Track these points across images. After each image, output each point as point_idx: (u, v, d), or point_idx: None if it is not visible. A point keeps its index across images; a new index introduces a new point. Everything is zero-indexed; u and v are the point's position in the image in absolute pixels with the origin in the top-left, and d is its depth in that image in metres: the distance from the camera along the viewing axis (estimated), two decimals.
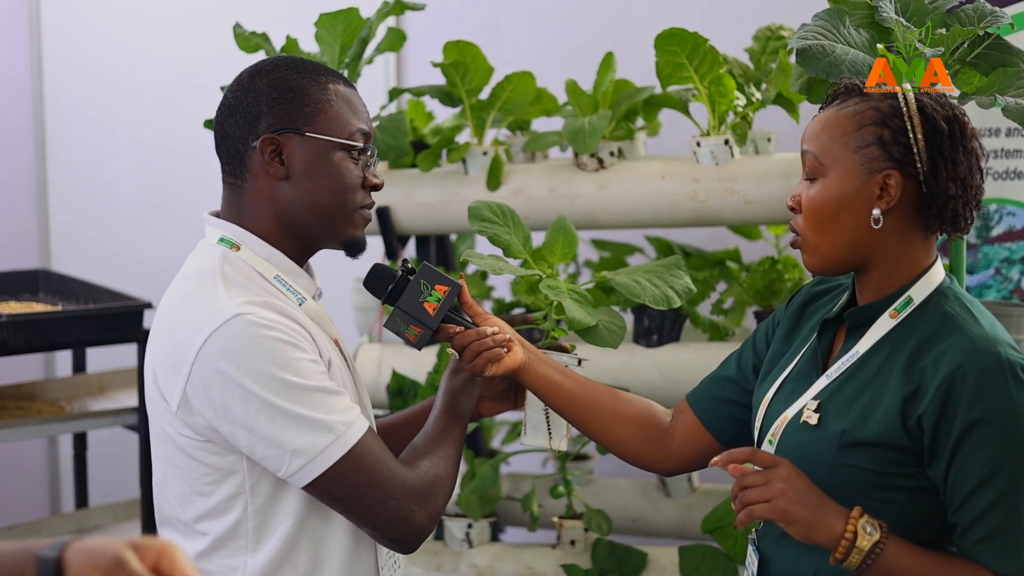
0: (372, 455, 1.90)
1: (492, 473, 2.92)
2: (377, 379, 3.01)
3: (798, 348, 2.05)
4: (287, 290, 1.98)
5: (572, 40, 3.86)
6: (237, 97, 2.01)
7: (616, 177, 2.89)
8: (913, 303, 1.89)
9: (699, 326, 3.00)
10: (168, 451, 1.96)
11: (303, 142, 1.98)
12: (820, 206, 1.90)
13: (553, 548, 2.96)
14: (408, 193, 3.01)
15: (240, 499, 1.93)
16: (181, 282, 1.99)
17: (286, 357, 1.88)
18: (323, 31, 2.92)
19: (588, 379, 2.25)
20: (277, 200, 1.99)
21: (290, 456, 1.86)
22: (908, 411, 1.81)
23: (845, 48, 2.58)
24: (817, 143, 1.92)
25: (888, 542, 1.80)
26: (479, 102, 2.98)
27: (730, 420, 2.16)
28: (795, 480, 1.82)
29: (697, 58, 2.81)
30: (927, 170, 1.84)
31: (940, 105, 1.89)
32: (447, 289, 2.09)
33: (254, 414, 1.85)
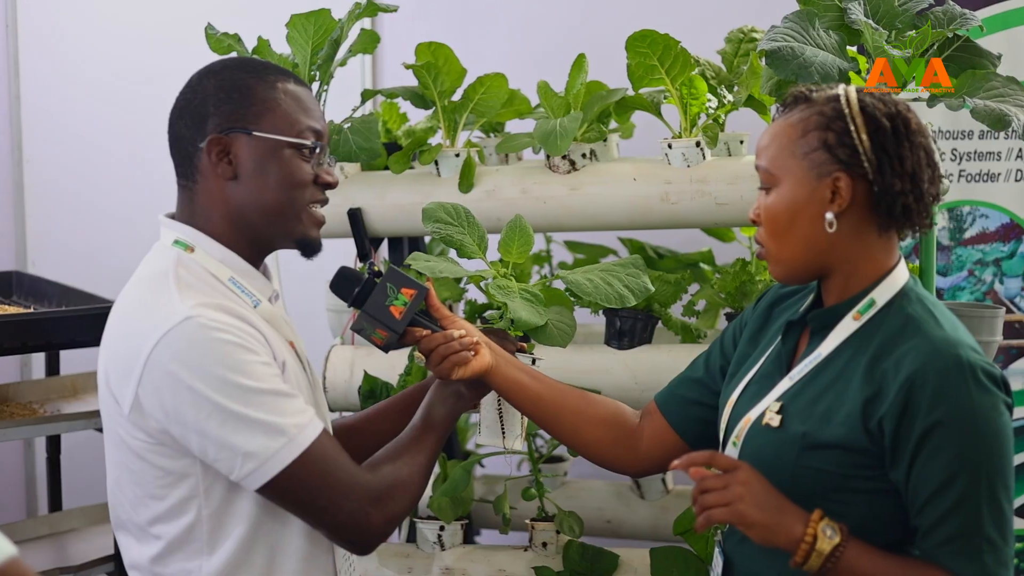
0: (326, 457, 1.90)
1: (464, 475, 2.92)
2: (349, 381, 3.01)
3: (763, 350, 2.05)
4: (242, 292, 1.98)
5: (547, 42, 3.87)
6: (187, 99, 2.02)
7: (588, 179, 2.89)
8: (876, 305, 1.89)
9: (671, 328, 3.00)
10: (121, 455, 1.95)
11: (251, 141, 1.98)
12: (775, 216, 1.92)
13: (525, 550, 2.96)
14: (380, 195, 3.01)
15: (194, 502, 1.93)
16: (135, 286, 2.00)
17: (237, 360, 1.87)
18: (294, 32, 2.92)
19: (556, 381, 2.26)
20: (228, 200, 2.00)
21: (242, 459, 1.85)
22: (869, 413, 1.82)
23: (815, 50, 2.59)
24: (767, 155, 1.94)
25: (848, 545, 1.80)
26: (451, 104, 2.98)
27: (698, 421, 2.17)
28: (754, 484, 1.83)
29: (668, 60, 2.82)
30: (874, 169, 1.85)
31: (882, 103, 1.89)
32: (413, 293, 2.09)
33: (206, 417, 1.85)
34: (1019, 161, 3.68)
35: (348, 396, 3.01)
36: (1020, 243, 3.71)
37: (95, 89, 4.44)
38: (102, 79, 4.44)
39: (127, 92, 4.42)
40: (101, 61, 4.44)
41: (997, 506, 1.78)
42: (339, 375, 3.02)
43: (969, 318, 2.92)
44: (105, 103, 4.44)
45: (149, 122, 4.26)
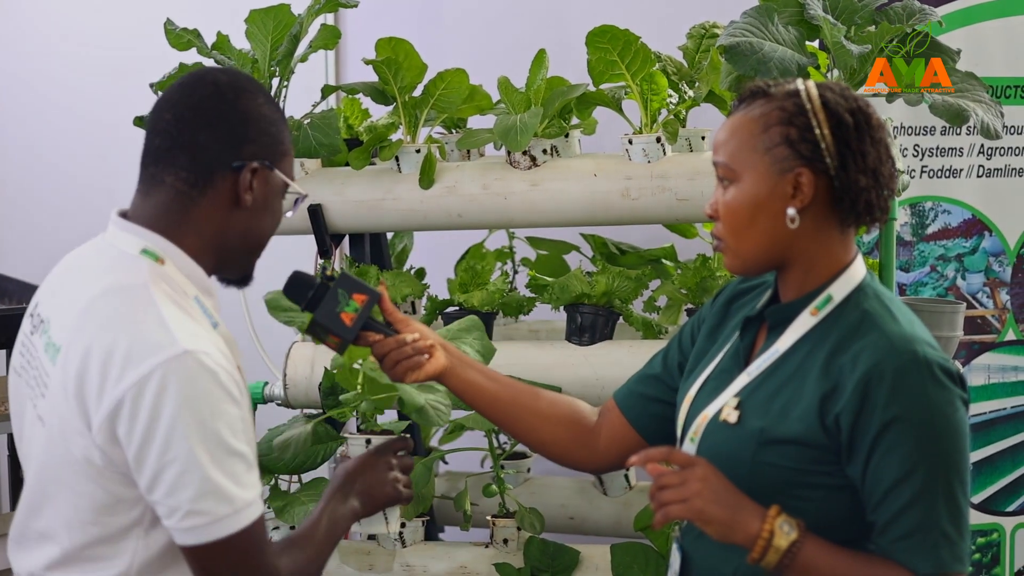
0: (256, 540, 1.87)
1: (425, 472, 2.91)
2: (310, 378, 2.99)
3: (721, 345, 2.04)
4: (203, 312, 1.94)
5: (509, 38, 3.85)
6: (222, 110, 1.94)
7: (549, 175, 2.89)
8: (833, 301, 1.88)
9: (632, 324, 3.00)
10: (67, 471, 1.90)
11: (271, 177, 1.97)
12: (736, 211, 1.90)
13: (487, 547, 2.95)
14: (340, 191, 3.00)
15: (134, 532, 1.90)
16: (108, 296, 1.88)
17: (225, 410, 1.82)
18: (253, 28, 2.91)
19: (513, 380, 2.25)
20: (227, 225, 1.95)
21: (184, 513, 1.81)
22: (826, 409, 1.81)
23: (773, 45, 2.59)
24: (726, 149, 1.91)
25: (806, 541, 1.80)
26: (412, 99, 2.97)
27: (656, 418, 2.16)
28: (711, 479, 1.82)
29: (629, 55, 2.81)
30: (837, 164, 1.84)
31: (843, 98, 1.87)
32: (365, 298, 2.09)
33: (172, 458, 1.79)
34: (981, 157, 3.69)
35: (309, 393, 2.99)
36: (982, 239, 3.72)
37: (57, 87, 4.42)
38: (64, 77, 4.42)
39: (88, 89, 4.39)
40: (62, 58, 4.43)
41: (953, 502, 1.78)
42: (300, 372, 3.01)
43: (930, 313, 2.94)
44: (67, 102, 4.41)
45: (111, 120, 4.26)
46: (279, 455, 2.80)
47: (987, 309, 3.76)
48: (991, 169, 3.70)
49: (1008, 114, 3.56)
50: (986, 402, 3.78)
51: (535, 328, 3.39)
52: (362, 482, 2.18)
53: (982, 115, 2.58)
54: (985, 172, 3.70)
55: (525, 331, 3.39)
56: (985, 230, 3.72)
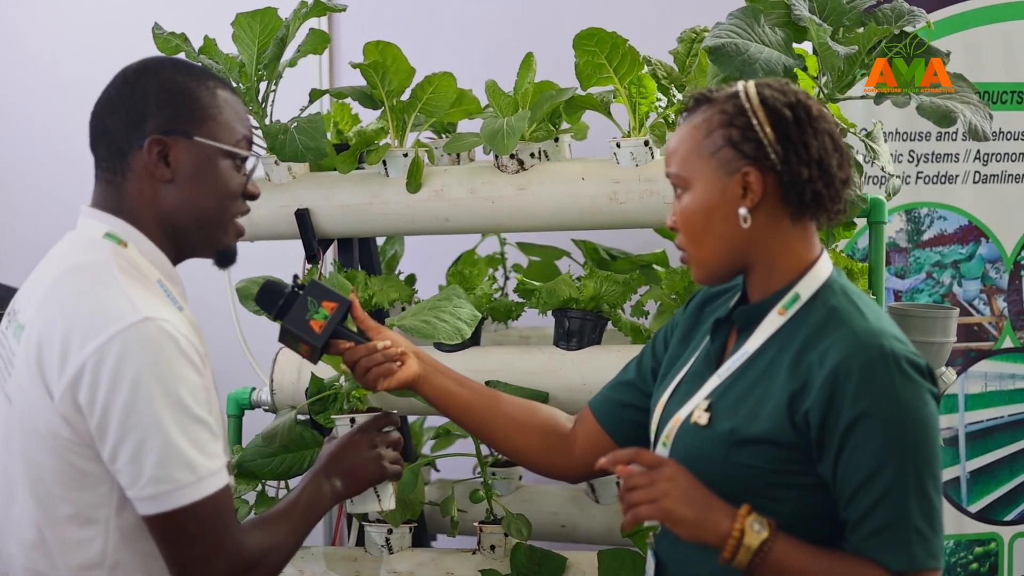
0: (220, 511, 1.87)
1: (412, 478, 2.89)
2: (297, 383, 2.98)
3: (694, 350, 2.04)
4: (168, 296, 1.94)
5: (502, 42, 3.85)
6: (122, 94, 1.98)
7: (536, 179, 2.87)
8: (801, 299, 1.88)
9: (621, 329, 2.98)
10: (34, 447, 1.89)
11: (191, 146, 1.96)
12: (690, 219, 1.91)
13: (473, 553, 2.93)
14: (328, 195, 2.98)
15: (101, 512, 1.89)
16: (70, 274, 1.92)
17: (187, 376, 1.84)
18: (240, 31, 2.90)
19: (487, 388, 2.26)
20: (159, 202, 1.97)
21: (147, 480, 1.81)
22: (795, 407, 1.81)
23: (759, 47, 2.57)
24: (675, 159, 1.94)
25: (777, 540, 1.79)
26: (400, 103, 2.95)
27: (630, 424, 2.15)
28: (680, 479, 1.81)
29: (616, 58, 2.80)
30: (781, 159, 1.85)
31: (782, 94, 1.89)
32: (335, 306, 2.09)
33: (135, 423, 1.80)
34: (977, 163, 3.67)
35: (296, 398, 2.98)
36: (979, 245, 3.70)
37: (52, 94, 4.41)
38: (59, 84, 4.41)
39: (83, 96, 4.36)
40: (58, 65, 4.42)
41: (925, 496, 1.77)
42: (286, 377, 2.99)
43: (922, 319, 2.91)
44: (61, 107, 4.40)
45: None
46: (265, 446, 2.78)
47: (984, 316, 3.73)
48: (987, 175, 3.68)
49: (1004, 120, 3.57)
50: (983, 410, 3.75)
51: (526, 334, 3.38)
52: (344, 462, 2.18)
53: (970, 116, 2.56)
54: (981, 178, 3.68)
55: (515, 337, 3.37)
56: (982, 236, 3.70)
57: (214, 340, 2.11)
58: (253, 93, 2.95)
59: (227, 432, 3.22)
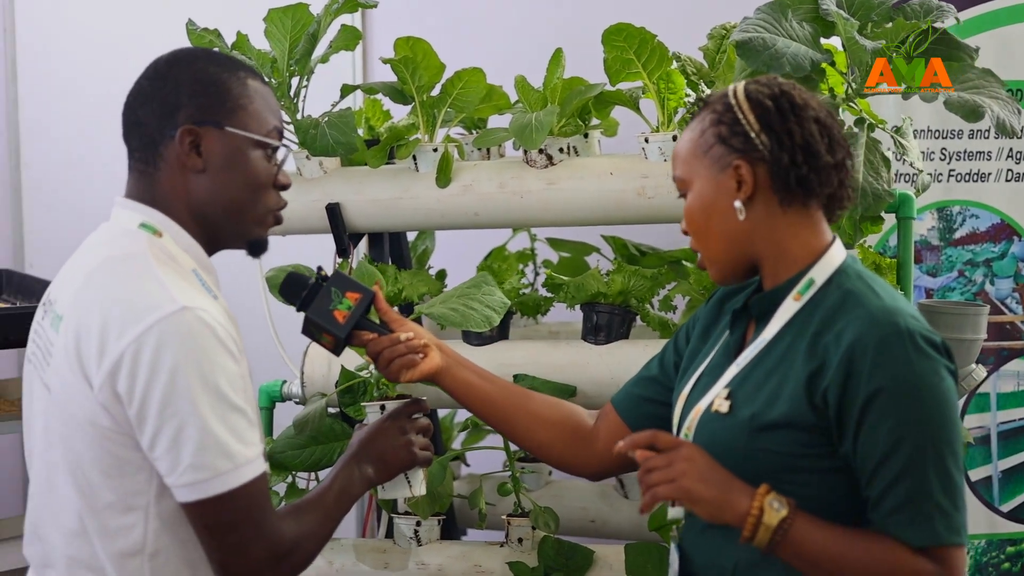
0: (257, 498, 1.89)
1: (440, 471, 2.90)
2: (327, 375, 3.00)
3: (714, 343, 2.06)
4: (202, 285, 1.96)
5: (536, 37, 3.84)
6: (154, 86, 1.99)
7: (564, 174, 2.88)
8: (815, 284, 1.90)
9: (649, 323, 2.99)
10: (76, 437, 1.91)
11: (222, 136, 1.98)
12: (692, 217, 1.97)
13: (501, 546, 2.95)
14: (358, 190, 3.00)
15: (141, 499, 1.91)
16: (107, 264, 1.93)
17: (224, 365, 1.85)
18: (272, 27, 2.92)
19: (509, 383, 2.27)
20: (191, 192, 1.98)
21: (185, 468, 1.83)
22: (813, 388, 1.82)
23: (787, 41, 2.57)
24: (678, 163, 2.00)
25: (796, 518, 1.80)
26: (430, 99, 2.97)
27: (653, 419, 2.16)
28: (698, 459, 1.83)
29: (645, 54, 2.81)
30: (768, 149, 1.89)
31: (766, 86, 1.95)
32: (358, 297, 2.10)
33: (172, 412, 1.82)
34: (1010, 161, 3.65)
35: (326, 390, 3.00)
36: (1011, 244, 3.68)
37: (91, 93, 4.46)
38: (98, 84, 4.45)
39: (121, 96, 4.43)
40: (97, 65, 4.47)
41: (945, 472, 1.77)
42: (317, 369, 3.01)
43: (952, 316, 2.91)
44: (100, 107, 4.44)
45: None
46: (296, 435, 2.81)
47: (1016, 315, 3.72)
48: (1020, 173, 3.66)
49: None
50: (1015, 409, 3.73)
51: (555, 329, 3.39)
52: (375, 448, 2.19)
53: (998, 111, 2.55)
54: (1014, 176, 3.66)
55: (545, 332, 3.38)
56: (1014, 235, 3.68)
57: (246, 333, 2.12)
58: (285, 88, 2.98)
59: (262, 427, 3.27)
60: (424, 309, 2.51)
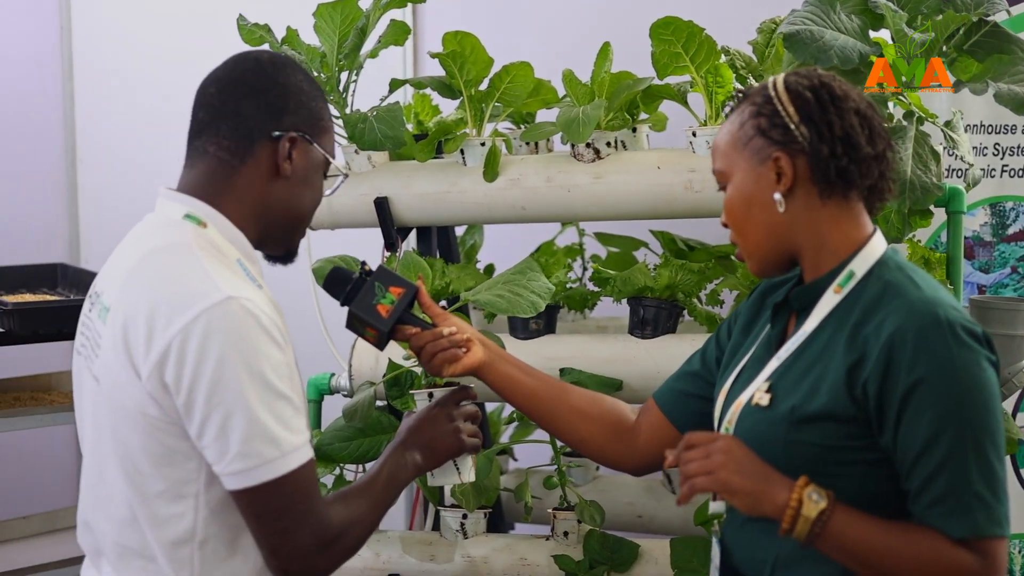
0: (305, 484, 1.91)
1: (487, 463, 2.91)
2: (375, 368, 3.01)
3: (756, 337, 2.06)
4: (247, 275, 1.98)
5: (584, 32, 3.85)
6: (263, 83, 2.02)
7: (612, 167, 2.88)
8: (856, 276, 1.89)
9: (697, 318, 2.98)
10: (123, 426, 1.93)
11: (309, 151, 2.04)
12: (732, 210, 1.96)
13: (547, 540, 2.95)
14: (406, 184, 3.02)
15: (191, 487, 1.93)
16: (153, 255, 1.95)
17: (270, 354, 1.87)
18: (321, 22, 2.94)
19: (552, 377, 2.27)
20: (267, 195, 2.02)
21: (233, 456, 1.85)
22: (853, 379, 1.81)
23: (835, 34, 2.56)
24: (717, 156, 1.99)
25: (836, 510, 1.79)
26: (478, 93, 2.98)
27: (694, 414, 2.16)
28: (736, 451, 1.82)
29: (693, 47, 2.80)
30: (807, 140, 1.88)
31: (805, 78, 1.94)
32: (402, 291, 2.12)
33: (219, 401, 1.84)
34: None
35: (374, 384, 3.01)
36: None
37: (146, 90, 4.50)
38: (153, 80, 4.50)
39: (176, 92, 4.45)
40: (152, 61, 4.51)
41: (986, 462, 1.76)
42: (364, 363, 3.03)
43: (1003, 312, 2.88)
44: (155, 103, 4.50)
45: None
46: (345, 423, 2.83)
47: None
48: None
49: None
50: None
51: (603, 324, 3.39)
52: (423, 435, 2.20)
53: None
54: None
55: (593, 326, 3.39)
56: None
57: (296, 326, 2.14)
58: (334, 83, 2.99)
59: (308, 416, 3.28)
60: (470, 296, 2.52)
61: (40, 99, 4.54)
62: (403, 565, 2.98)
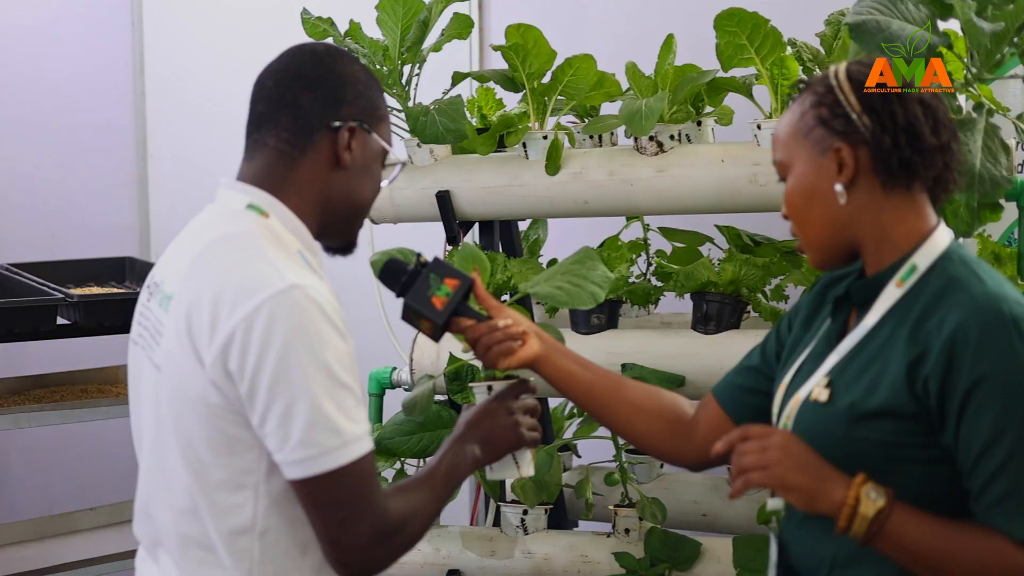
0: (365, 475, 1.89)
1: (547, 459, 2.89)
2: (436, 362, 3.01)
3: (816, 332, 2.02)
4: (307, 265, 1.97)
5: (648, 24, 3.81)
6: (320, 74, 2.00)
7: (675, 161, 2.85)
8: (918, 271, 1.84)
9: (762, 313, 2.94)
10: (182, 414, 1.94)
11: (368, 141, 2.02)
12: (792, 202, 1.92)
13: (608, 537, 2.92)
14: (468, 177, 3.01)
15: (251, 477, 1.92)
16: (217, 244, 1.94)
17: (334, 343, 1.86)
18: (384, 15, 2.95)
19: (609, 371, 2.24)
20: (328, 185, 2.01)
21: (294, 445, 1.84)
22: (914, 375, 1.77)
23: (902, 24, 2.51)
24: (777, 146, 1.95)
25: (894, 509, 1.75)
26: (540, 86, 2.96)
27: (754, 409, 2.12)
28: (792, 447, 1.79)
29: (758, 39, 2.77)
30: (870, 131, 1.84)
31: (867, 67, 1.89)
32: (457, 283, 2.10)
33: (283, 388, 1.82)
34: None
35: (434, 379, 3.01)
36: None
37: (216, 85, 4.53)
38: (222, 75, 4.53)
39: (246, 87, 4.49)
40: (222, 56, 4.54)
41: None
42: (425, 357, 3.02)
43: None
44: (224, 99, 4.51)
45: None
46: (405, 416, 2.82)
47: None
48: None
49: None
50: None
51: (667, 320, 3.35)
52: (481, 429, 2.18)
53: None
54: None
55: (657, 322, 3.35)
56: None
57: (358, 320, 2.14)
58: (396, 76, 2.99)
59: (368, 410, 3.28)
60: (528, 287, 2.49)
61: (112, 96, 4.59)
62: (463, 560, 2.97)
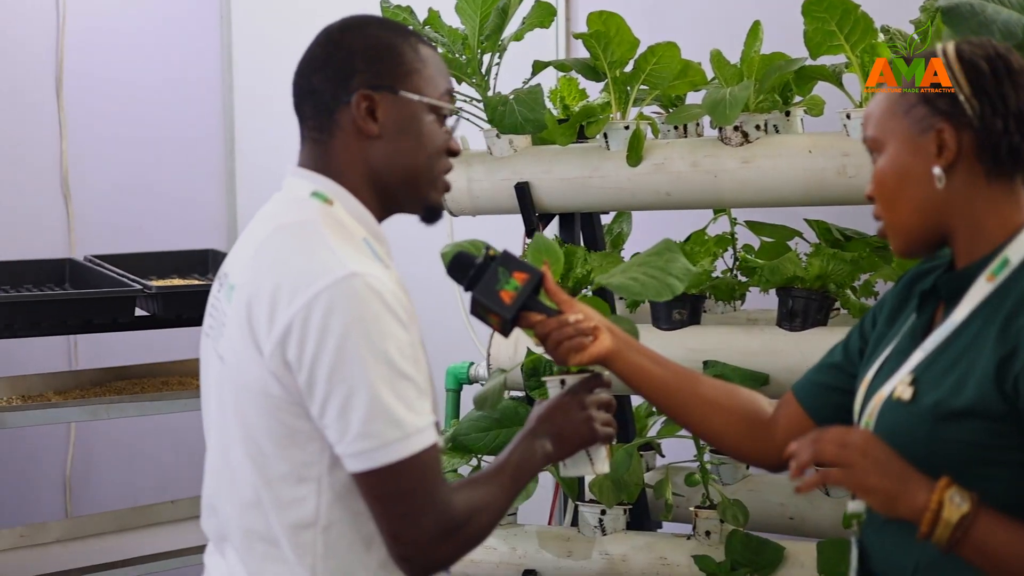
0: (428, 468, 1.83)
1: (626, 458, 2.82)
2: (513, 357, 2.95)
3: (901, 326, 1.92)
4: (374, 255, 1.93)
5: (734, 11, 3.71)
6: (327, 52, 1.97)
7: (761, 151, 2.76)
8: (1011, 264, 1.74)
9: (850, 310, 2.84)
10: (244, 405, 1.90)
11: (397, 101, 1.94)
12: (883, 181, 1.82)
13: (688, 539, 2.85)
14: (548, 169, 2.94)
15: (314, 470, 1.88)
16: (279, 232, 1.91)
17: (395, 333, 1.81)
18: (463, 3, 2.90)
19: (683, 367, 2.16)
20: (367, 159, 1.96)
21: (355, 437, 1.79)
22: (1003, 374, 1.67)
23: (997, 8, 2.42)
24: (871, 122, 1.85)
25: (980, 514, 1.65)
26: (623, 75, 2.89)
27: (835, 408, 2.03)
28: (873, 448, 1.70)
29: (848, 25, 2.67)
30: (977, 114, 1.73)
31: (979, 47, 1.78)
32: (526, 277, 2.04)
33: (341, 378, 1.78)
34: None
35: (512, 373, 2.95)
36: None
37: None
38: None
39: None
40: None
41: None
42: (503, 352, 2.97)
43: None
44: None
45: None
46: (477, 411, 2.78)
47: None
48: None
49: None
50: None
51: (753, 316, 3.26)
52: (553, 423, 2.11)
53: None
54: None
55: (743, 318, 3.26)
56: None
57: (438, 314, 2.09)
58: (476, 65, 2.94)
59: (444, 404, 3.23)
60: (603, 279, 2.42)
61: (201, 91, 4.60)
62: (540, 561, 2.91)
